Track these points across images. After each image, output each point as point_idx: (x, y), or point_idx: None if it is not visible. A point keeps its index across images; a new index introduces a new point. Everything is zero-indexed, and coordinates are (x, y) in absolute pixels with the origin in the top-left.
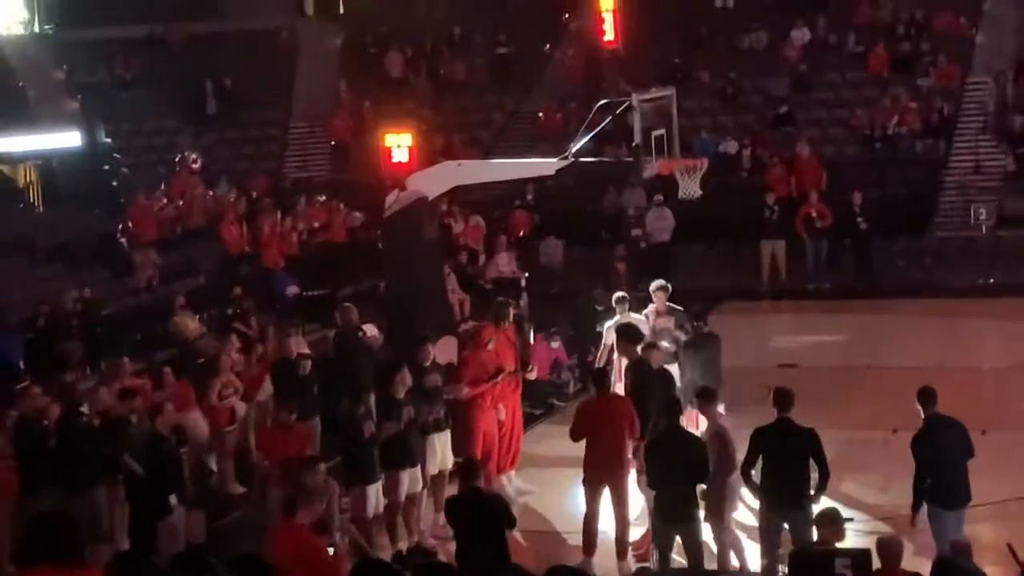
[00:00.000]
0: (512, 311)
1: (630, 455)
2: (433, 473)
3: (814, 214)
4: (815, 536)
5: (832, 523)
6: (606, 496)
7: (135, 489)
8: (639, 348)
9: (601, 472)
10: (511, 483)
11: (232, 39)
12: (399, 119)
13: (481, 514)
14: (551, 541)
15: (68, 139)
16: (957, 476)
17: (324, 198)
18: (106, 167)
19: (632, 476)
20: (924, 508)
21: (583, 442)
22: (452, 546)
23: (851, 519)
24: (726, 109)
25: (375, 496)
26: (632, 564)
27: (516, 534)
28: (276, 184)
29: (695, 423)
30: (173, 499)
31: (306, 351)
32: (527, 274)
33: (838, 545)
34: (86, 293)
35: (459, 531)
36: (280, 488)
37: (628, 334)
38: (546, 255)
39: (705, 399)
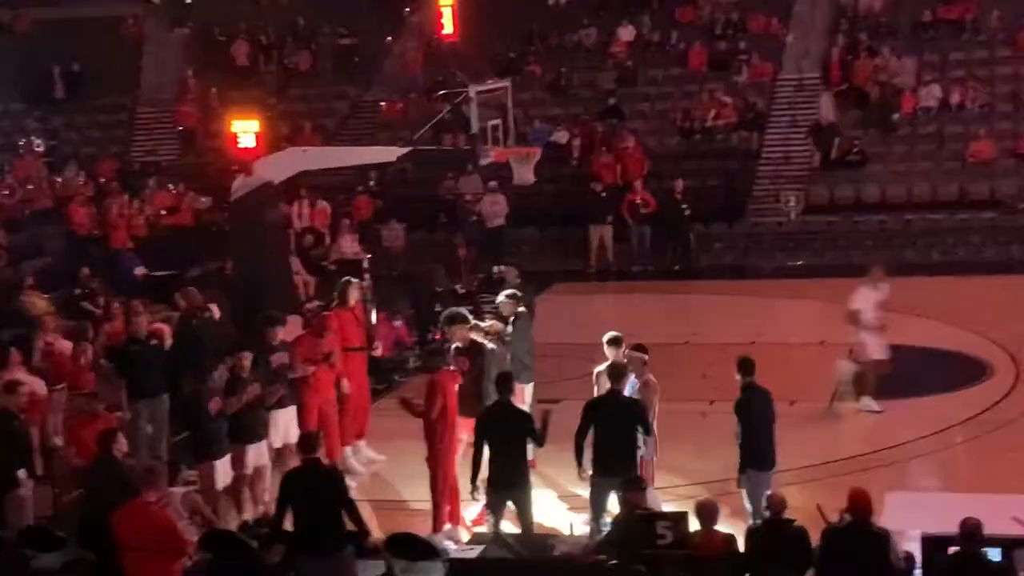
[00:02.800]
0: (358, 290)
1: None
2: (278, 447)
3: (639, 201)
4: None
5: (639, 487)
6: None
7: None
8: (468, 330)
9: (453, 454)
10: (359, 453)
11: (80, 25)
12: (246, 106)
13: (318, 485)
14: (394, 510)
15: None
16: (768, 441)
17: (173, 187)
18: None
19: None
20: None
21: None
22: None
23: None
24: (557, 101)
25: (223, 470)
26: (466, 531)
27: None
28: (124, 168)
29: (520, 397)
30: (22, 473)
31: (156, 327)
32: (370, 256)
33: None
34: None
35: (298, 502)
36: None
37: (455, 319)
38: (388, 238)
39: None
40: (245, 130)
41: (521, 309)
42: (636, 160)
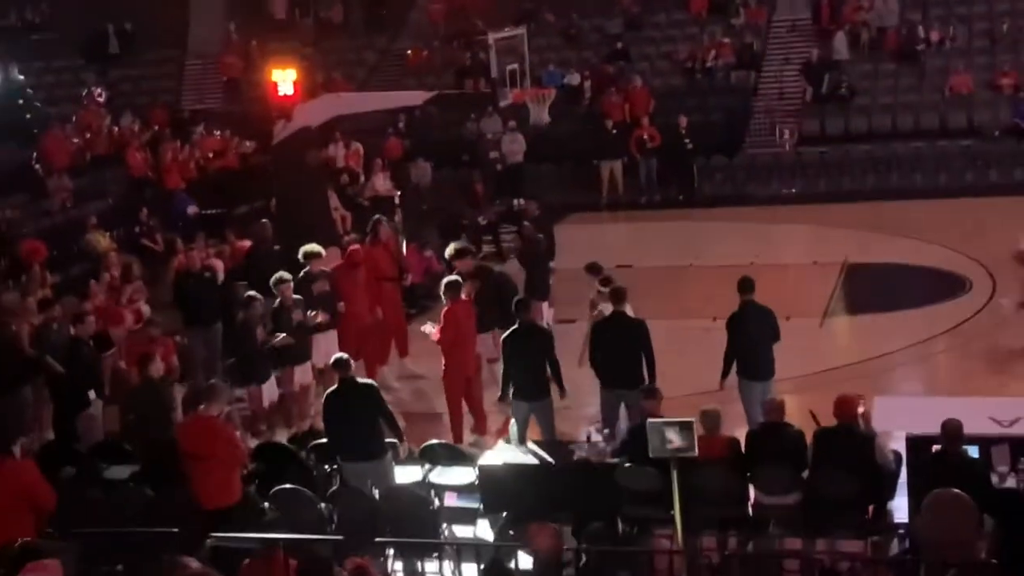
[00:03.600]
0: (387, 227)
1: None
2: (320, 367)
3: (646, 136)
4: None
5: (654, 396)
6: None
7: (57, 387)
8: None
9: (465, 374)
10: (402, 369)
11: None
12: (284, 57)
13: (355, 400)
14: (430, 422)
15: None
16: (762, 353)
17: (220, 132)
18: (20, 102)
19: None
20: (737, 382)
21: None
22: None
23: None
24: (569, 46)
25: (269, 390)
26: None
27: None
28: (174, 116)
29: (539, 313)
30: (92, 394)
31: (211, 262)
32: (400, 192)
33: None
34: (7, 214)
35: (338, 417)
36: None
37: (460, 253)
38: (416, 176)
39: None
40: (284, 79)
41: (540, 236)
42: (643, 99)
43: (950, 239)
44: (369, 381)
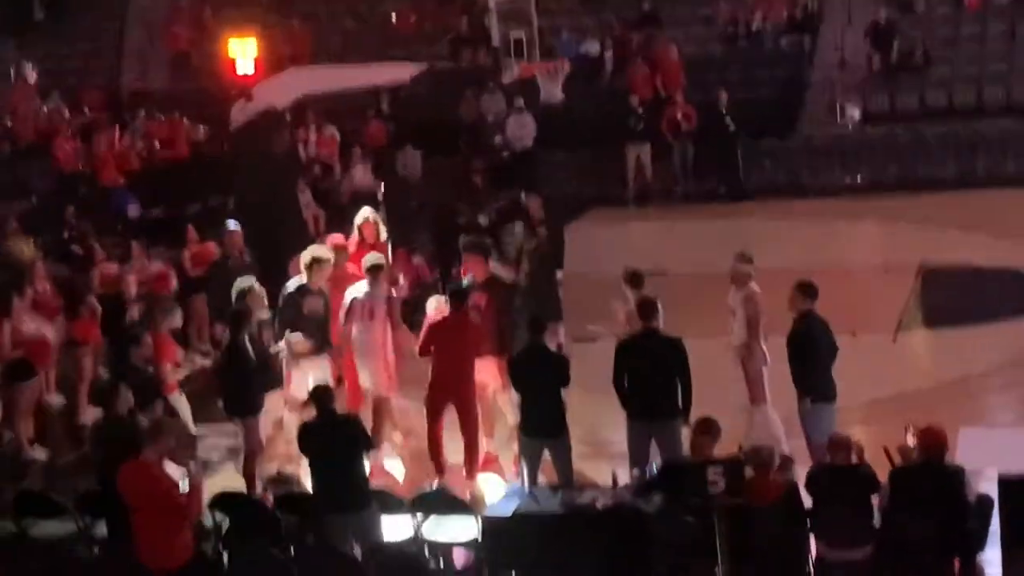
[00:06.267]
0: (380, 225)
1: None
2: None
3: (679, 116)
4: (686, 447)
5: (708, 432)
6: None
7: None
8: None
9: (445, 392)
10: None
11: None
12: (243, 26)
13: (335, 437)
14: (419, 461)
15: None
16: (829, 370)
17: (167, 117)
18: None
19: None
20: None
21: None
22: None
23: None
24: (587, 9)
25: (264, 423)
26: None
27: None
28: (112, 97)
29: (557, 337)
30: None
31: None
32: (384, 187)
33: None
34: None
35: (315, 456)
36: None
37: (475, 247)
38: (404, 166)
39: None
40: (243, 51)
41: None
42: (675, 71)
43: None
44: (352, 414)
